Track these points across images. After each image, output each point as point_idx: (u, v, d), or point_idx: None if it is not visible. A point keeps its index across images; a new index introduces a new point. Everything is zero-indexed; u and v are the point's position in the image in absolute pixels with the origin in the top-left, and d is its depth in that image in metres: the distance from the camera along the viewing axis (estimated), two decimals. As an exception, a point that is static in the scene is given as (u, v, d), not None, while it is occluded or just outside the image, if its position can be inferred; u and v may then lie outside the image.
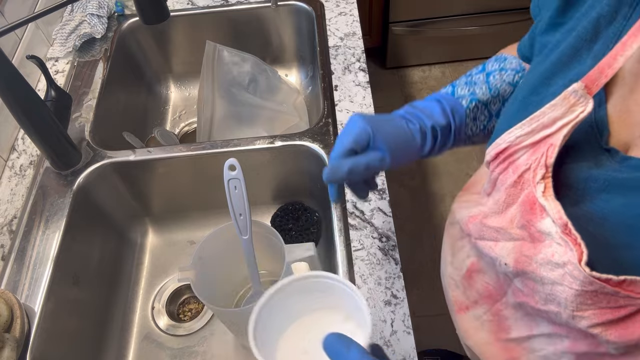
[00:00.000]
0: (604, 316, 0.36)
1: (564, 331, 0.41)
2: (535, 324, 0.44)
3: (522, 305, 0.44)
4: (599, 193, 0.38)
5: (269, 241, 0.73)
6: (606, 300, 0.36)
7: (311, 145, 0.88)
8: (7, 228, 0.83)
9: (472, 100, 0.58)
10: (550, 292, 0.39)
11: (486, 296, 0.49)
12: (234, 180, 0.62)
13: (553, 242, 0.38)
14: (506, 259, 0.42)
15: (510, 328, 0.47)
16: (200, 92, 1.07)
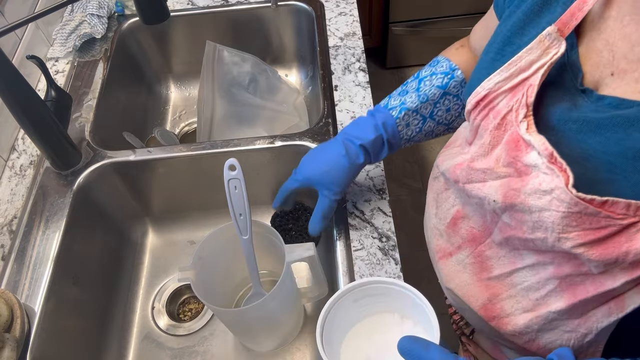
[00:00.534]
0: (587, 237, 0.38)
1: (548, 258, 0.43)
2: (519, 258, 0.46)
3: (508, 241, 0.46)
4: (578, 134, 0.41)
5: (269, 241, 0.73)
6: (589, 222, 0.38)
7: (311, 145, 0.88)
8: (7, 228, 0.83)
9: (401, 110, 0.67)
10: (537, 219, 0.41)
11: (470, 240, 0.52)
12: (234, 180, 0.62)
13: (540, 173, 0.41)
14: (494, 195, 0.45)
15: (493, 267, 0.50)
16: (200, 92, 1.07)
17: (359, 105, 0.93)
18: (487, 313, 0.51)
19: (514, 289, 0.48)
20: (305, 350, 0.85)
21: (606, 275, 0.40)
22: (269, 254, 0.78)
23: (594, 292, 0.41)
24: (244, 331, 0.80)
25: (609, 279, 0.40)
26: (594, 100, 0.41)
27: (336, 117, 0.92)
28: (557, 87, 0.43)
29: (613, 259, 0.38)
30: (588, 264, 0.40)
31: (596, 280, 0.41)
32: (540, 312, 0.46)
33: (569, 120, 0.42)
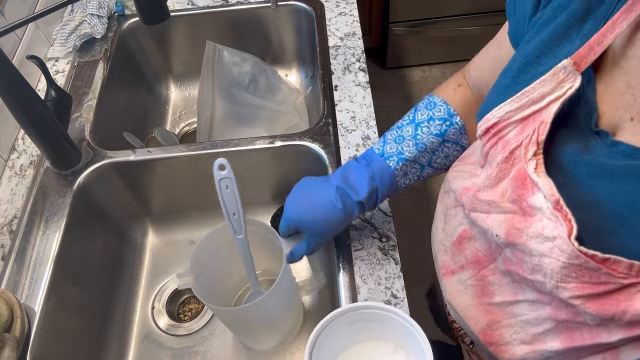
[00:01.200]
0: (585, 290, 0.38)
1: (547, 299, 0.43)
2: (521, 290, 0.46)
3: (509, 273, 0.46)
4: (589, 179, 0.39)
5: (268, 240, 0.73)
6: (589, 275, 0.37)
7: (311, 145, 0.88)
8: (7, 228, 0.83)
9: (399, 160, 0.63)
10: (537, 263, 0.40)
11: (474, 262, 0.51)
12: (225, 179, 0.62)
13: (544, 217, 0.40)
14: (497, 230, 0.44)
15: (494, 293, 0.49)
16: (200, 92, 1.07)
17: (359, 105, 0.93)
18: (486, 338, 0.51)
19: (514, 319, 0.48)
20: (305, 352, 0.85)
21: (602, 327, 0.39)
22: (268, 253, 0.78)
23: (590, 341, 0.41)
24: (244, 330, 0.80)
25: (605, 332, 0.39)
26: (608, 145, 0.39)
27: (336, 117, 0.92)
28: (569, 125, 0.42)
29: (610, 315, 0.37)
30: (584, 315, 0.40)
31: (592, 330, 0.40)
32: (537, 348, 0.46)
33: (579, 164, 0.40)
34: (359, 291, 0.71)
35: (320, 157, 0.87)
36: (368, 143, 0.87)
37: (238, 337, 0.87)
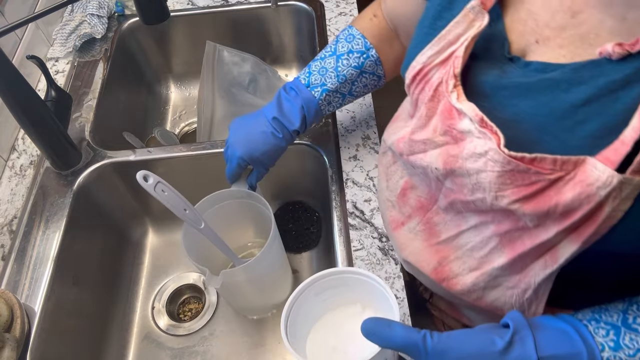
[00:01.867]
0: (520, 193, 0.41)
1: (489, 217, 0.46)
2: (464, 221, 0.49)
3: (452, 205, 0.49)
4: (510, 99, 0.43)
5: (250, 206, 0.77)
6: (521, 179, 0.40)
7: (311, 145, 0.88)
8: (7, 228, 0.83)
9: (323, 91, 0.71)
10: (476, 181, 0.43)
11: (418, 208, 0.55)
12: (158, 185, 0.63)
13: (474, 138, 0.43)
14: (436, 163, 0.47)
15: (440, 232, 0.52)
16: (200, 92, 1.07)
17: (358, 105, 0.93)
18: (438, 275, 0.54)
19: (460, 250, 0.51)
20: (305, 350, 0.85)
21: (540, 227, 0.42)
22: (254, 221, 0.81)
23: (530, 245, 0.43)
24: (237, 296, 0.83)
25: (543, 231, 0.42)
26: (522, 66, 0.43)
27: (336, 117, 0.92)
28: (486, 58, 0.46)
29: (545, 211, 0.40)
30: (523, 218, 0.42)
31: (532, 233, 0.43)
32: (485, 269, 0.48)
33: (499, 88, 0.44)
34: (359, 291, 0.72)
35: (320, 157, 0.87)
36: (368, 143, 0.87)
37: (232, 304, 0.89)
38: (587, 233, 0.39)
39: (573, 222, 0.39)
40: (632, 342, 0.40)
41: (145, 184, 0.62)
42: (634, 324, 0.41)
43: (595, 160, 0.37)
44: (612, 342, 0.40)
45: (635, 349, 0.40)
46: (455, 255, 0.51)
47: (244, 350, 0.86)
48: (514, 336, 0.41)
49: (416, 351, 0.42)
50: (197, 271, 0.95)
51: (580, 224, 0.39)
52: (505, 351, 0.40)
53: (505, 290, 0.48)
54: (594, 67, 0.38)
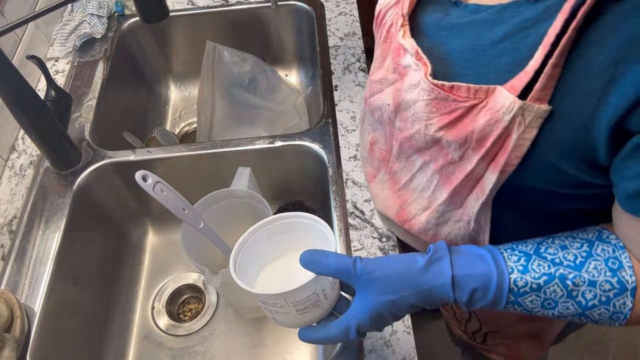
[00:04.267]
0: (443, 120, 0.45)
1: (427, 156, 0.51)
2: (412, 164, 0.54)
3: (402, 149, 0.54)
4: (446, 39, 0.47)
5: (248, 205, 0.76)
6: (444, 107, 0.45)
7: (311, 145, 0.88)
8: (7, 228, 0.83)
9: None
10: (413, 112, 0.48)
11: (382, 160, 0.60)
12: (157, 185, 0.63)
13: (412, 70, 0.48)
14: (388, 100, 0.52)
15: (400, 179, 0.57)
16: (200, 92, 1.07)
17: (359, 105, 0.93)
18: (400, 218, 0.59)
19: (415, 193, 0.56)
20: (305, 351, 0.85)
21: (464, 159, 0.46)
22: (254, 220, 0.81)
23: (460, 177, 0.48)
24: (236, 295, 0.83)
25: (467, 162, 0.46)
26: (461, 9, 0.47)
27: (336, 117, 0.92)
28: (434, 1, 0.49)
29: (464, 138, 0.44)
30: (449, 149, 0.47)
31: (459, 166, 0.47)
32: (433, 207, 0.53)
33: (439, 28, 0.48)
34: (359, 291, 0.71)
35: (320, 157, 0.87)
36: (368, 143, 0.87)
37: (231, 303, 0.89)
38: (502, 161, 0.43)
39: (487, 149, 0.43)
40: (539, 267, 0.45)
41: (144, 184, 0.62)
42: (544, 253, 0.46)
43: (502, 88, 0.41)
44: (522, 267, 0.45)
45: (541, 273, 0.44)
46: (412, 199, 0.56)
47: (244, 350, 0.86)
48: (433, 256, 0.46)
49: (347, 273, 0.46)
50: (197, 271, 0.95)
51: (494, 151, 0.44)
52: (425, 268, 0.45)
53: (454, 224, 0.53)
54: (515, 8, 0.42)
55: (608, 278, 0.44)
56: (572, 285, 0.44)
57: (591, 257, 0.45)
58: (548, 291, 0.44)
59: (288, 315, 0.51)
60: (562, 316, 0.46)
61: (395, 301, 0.45)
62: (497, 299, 0.45)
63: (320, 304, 0.51)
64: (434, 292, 0.45)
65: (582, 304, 0.44)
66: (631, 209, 0.41)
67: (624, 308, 0.44)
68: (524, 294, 0.45)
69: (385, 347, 0.67)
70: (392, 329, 0.68)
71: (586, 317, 0.46)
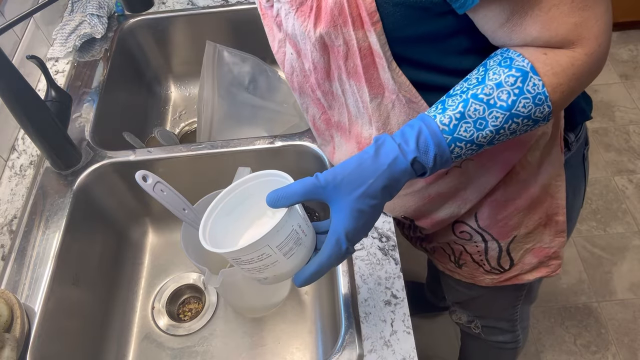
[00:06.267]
0: (311, 19, 0.55)
1: (334, 71, 0.60)
2: (337, 97, 0.64)
3: (323, 92, 0.64)
4: None
5: None
6: (304, 10, 0.55)
7: (311, 145, 0.88)
8: (7, 228, 0.83)
9: None
10: (300, 38, 0.59)
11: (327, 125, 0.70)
12: (157, 185, 0.63)
13: (281, 12, 0.61)
14: (290, 50, 0.64)
15: (344, 122, 0.66)
16: (200, 92, 1.07)
17: (359, 105, 0.93)
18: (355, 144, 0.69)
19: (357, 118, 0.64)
20: (305, 351, 0.85)
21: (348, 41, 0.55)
22: None
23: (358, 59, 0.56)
24: (236, 295, 0.84)
25: (350, 41, 0.54)
26: None
27: (336, 117, 0.92)
28: None
29: (332, 21, 0.53)
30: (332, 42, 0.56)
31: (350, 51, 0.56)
32: (369, 110, 0.61)
33: None
34: (359, 291, 0.71)
35: (320, 157, 0.87)
36: (368, 143, 0.87)
37: (230, 302, 0.89)
38: (365, 15, 0.50)
39: (349, 15, 0.51)
40: (453, 101, 0.51)
41: (144, 184, 0.62)
42: (453, 92, 0.52)
43: None
44: (440, 110, 0.51)
45: (456, 104, 0.50)
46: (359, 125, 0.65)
47: (244, 351, 0.86)
48: (377, 142, 0.50)
49: (315, 189, 0.49)
50: (197, 271, 0.95)
51: (355, 13, 0.51)
52: (376, 153, 0.49)
53: (393, 111, 0.60)
54: None
55: (507, 73, 0.49)
56: (485, 97, 0.49)
57: (487, 70, 0.51)
58: (471, 113, 0.50)
59: (277, 265, 0.51)
60: (501, 128, 0.50)
61: (366, 191, 0.49)
62: (438, 143, 0.49)
63: (302, 242, 0.51)
64: (393, 167, 0.49)
65: (504, 107, 0.49)
66: (458, 6, 0.48)
67: (537, 88, 0.49)
68: (455, 127, 0.50)
69: (385, 347, 0.67)
70: (392, 329, 0.69)
71: (518, 117, 0.50)
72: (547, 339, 1.50)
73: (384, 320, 0.69)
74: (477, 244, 0.76)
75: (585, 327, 1.51)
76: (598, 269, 1.62)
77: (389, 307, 0.70)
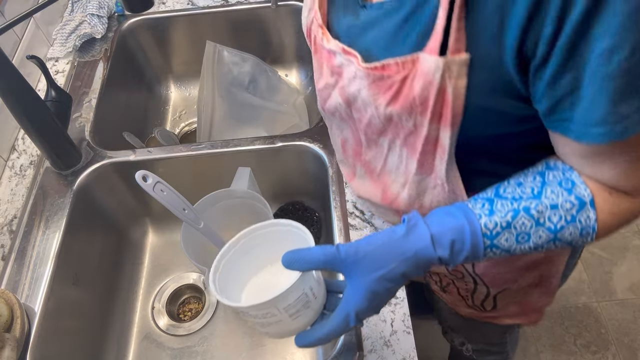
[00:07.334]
0: (386, 97, 0.49)
1: (390, 134, 0.54)
2: (381, 148, 0.58)
3: (368, 137, 0.58)
4: (360, 36, 0.52)
5: (253, 208, 0.75)
6: (382, 85, 0.49)
7: (311, 145, 0.88)
8: (7, 228, 0.83)
9: None
10: (361, 100, 0.53)
11: (355, 155, 0.64)
12: (158, 185, 0.63)
13: (346, 67, 0.53)
14: (338, 100, 0.56)
15: (375, 166, 0.61)
16: (200, 92, 1.07)
17: (359, 105, 0.93)
18: (386, 201, 0.63)
19: (392, 173, 0.59)
20: (305, 351, 0.85)
21: (418, 126, 0.50)
22: (254, 221, 0.80)
23: (420, 143, 0.51)
24: None
25: (421, 127, 0.50)
26: (368, 8, 0.51)
27: (336, 117, 0.92)
28: (344, 6, 0.54)
29: (409, 107, 0.48)
30: (401, 121, 0.51)
31: (417, 134, 0.51)
32: (409, 179, 0.57)
33: (354, 27, 0.52)
34: (359, 291, 0.71)
35: (320, 157, 0.87)
36: (368, 143, 0.87)
37: None
38: (448, 114, 0.47)
39: (431, 109, 0.47)
40: (503, 206, 0.48)
41: (144, 184, 0.62)
42: (504, 194, 0.49)
43: (423, 54, 0.45)
44: (488, 211, 0.48)
45: (506, 211, 0.48)
46: (390, 179, 0.60)
47: (244, 351, 0.86)
48: (409, 223, 0.48)
49: (334, 260, 0.47)
50: (197, 271, 0.95)
51: (438, 109, 0.47)
52: (405, 236, 0.47)
53: (432, 190, 0.56)
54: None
55: (566, 197, 0.47)
56: (537, 214, 0.47)
57: (545, 184, 0.48)
58: (518, 225, 0.47)
59: (281, 324, 0.50)
60: (539, 246, 0.49)
61: (386, 275, 0.47)
62: (475, 245, 0.47)
63: (310, 305, 0.50)
64: (419, 255, 0.47)
65: (551, 229, 0.47)
66: (551, 126, 0.45)
67: (589, 221, 0.47)
68: (497, 234, 0.48)
69: (385, 347, 0.67)
70: (392, 329, 0.69)
71: (560, 241, 0.48)
72: (547, 339, 1.50)
73: (384, 320, 0.69)
74: (467, 283, 0.75)
75: (585, 327, 1.51)
76: (598, 269, 1.62)
77: (389, 307, 0.70)
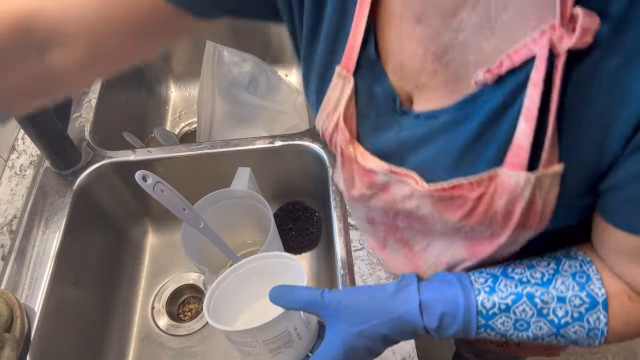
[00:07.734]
0: (458, 213, 0.43)
1: (449, 235, 0.48)
2: (429, 234, 0.51)
3: (413, 227, 0.51)
4: (411, 152, 0.44)
5: (253, 208, 0.75)
6: (452, 203, 0.43)
7: (311, 145, 0.88)
8: (7, 228, 0.83)
9: None
10: (420, 214, 0.46)
11: (387, 231, 0.57)
12: (157, 185, 0.63)
13: (395, 184, 0.46)
14: (381, 205, 0.50)
15: (413, 246, 0.54)
16: (200, 92, 1.07)
17: (359, 105, 0.93)
18: (412, 271, 0.57)
19: (431, 258, 0.53)
20: (305, 350, 0.85)
21: (495, 235, 0.44)
22: (254, 220, 0.80)
23: (491, 249, 0.45)
24: None
25: (497, 236, 0.43)
26: (413, 118, 0.43)
27: (336, 117, 0.91)
28: (379, 114, 0.46)
29: (487, 220, 0.42)
30: (472, 230, 0.44)
31: (490, 240, 0.45)
32: (449, 262, 0.51)
33: (400, 142, 0.45)
34: (359, 291, 0.71)
35: (320, 157, 0.87)
36: (368, 143, 0.87)
37: None
38: (534, 222, 0.41)
39: (517, 222, 0.41)
40: (506, 287, 0.44)
41: (144, 184, 0.62)
42: (511, 273, 0.45)
43: (505, 169, 0.38)
44: (489, 288, 0.44)
45: (508, 293, 0.44)
46: (427, 265, 0.53)
47: (244, 350, 0.86)
48: (401, 283, 0.46)
49: (316, 304, 0.45)
50: (197, 271, 0.95)
51: (523, 220, 0.41)
52: (393, 295, 0.45)
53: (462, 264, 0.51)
54: (474, 100, 0.39)
55: (577, 293, 0.42)
56: (541, 303, 0.43)
57: (558, 273, 0.44)
58: (517, 311, 0.43)
59: (260, 357, 0.49)
60: (539, 338, 0.44)
61: (366, 331, 0.44)
62: (467, 322, 0.44)
63: (293, 345, 0.49)
64: (404, 319, 0.44)
65: (554, 323, 0.43)
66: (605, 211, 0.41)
67: (599, 324, 0.42)
68: (493, 315, 0.44)
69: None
70: (392, 329, 0.68)
71: (563, 338, 0.44)
72: (547, 339, 1.51)
73: (384, 320, 0.69)
74: None
75: (586, 327, 1.51)
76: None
77: (389, 307, 0.70)
